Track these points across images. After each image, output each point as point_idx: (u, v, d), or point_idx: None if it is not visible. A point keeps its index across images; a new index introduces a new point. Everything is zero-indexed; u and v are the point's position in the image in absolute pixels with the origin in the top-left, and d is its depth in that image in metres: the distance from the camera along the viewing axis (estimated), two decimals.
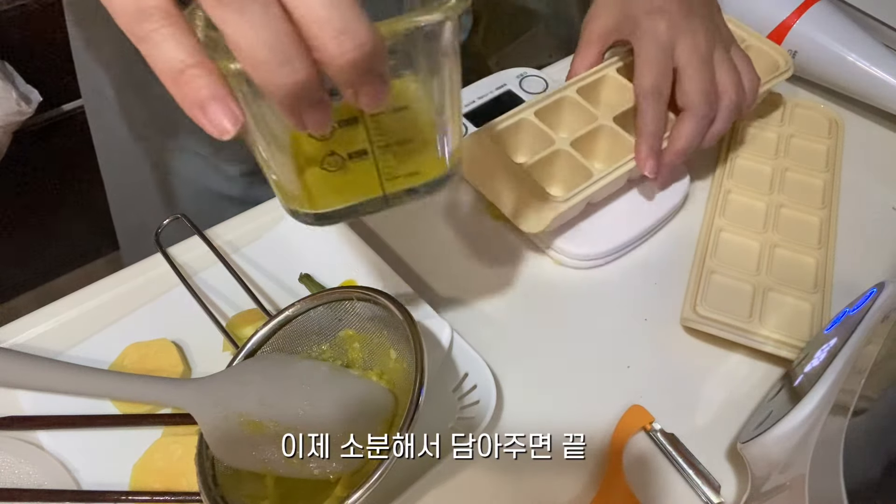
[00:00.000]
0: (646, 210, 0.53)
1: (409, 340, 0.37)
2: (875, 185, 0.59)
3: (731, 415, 0.44)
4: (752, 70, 0.52)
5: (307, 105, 0.25)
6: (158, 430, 0.41)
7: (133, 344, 0.44)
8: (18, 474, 0.39)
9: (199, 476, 0.35)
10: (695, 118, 0.48)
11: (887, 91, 0.61)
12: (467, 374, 0.43)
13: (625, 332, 0.48)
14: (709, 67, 0.49)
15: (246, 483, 0.36)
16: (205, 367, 0.44)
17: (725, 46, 0.51)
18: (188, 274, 0.47)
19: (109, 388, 0.39)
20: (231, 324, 0.44)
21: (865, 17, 0.69)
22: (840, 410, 0.34)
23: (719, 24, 0.52)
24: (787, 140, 0.59)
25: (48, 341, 0.44)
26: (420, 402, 0.34)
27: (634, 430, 0.42)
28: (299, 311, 0.41)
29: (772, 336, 0.45)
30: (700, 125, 0.49)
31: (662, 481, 0.41)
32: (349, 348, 0.41)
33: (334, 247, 0.49)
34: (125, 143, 0.61)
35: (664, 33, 0.48)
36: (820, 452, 0.33)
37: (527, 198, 0.47)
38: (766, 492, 0.37)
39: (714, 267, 0.50)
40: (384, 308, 0.39)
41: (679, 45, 0.48)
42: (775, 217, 0.53)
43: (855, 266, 0.51)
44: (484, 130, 0.50)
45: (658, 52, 0.48)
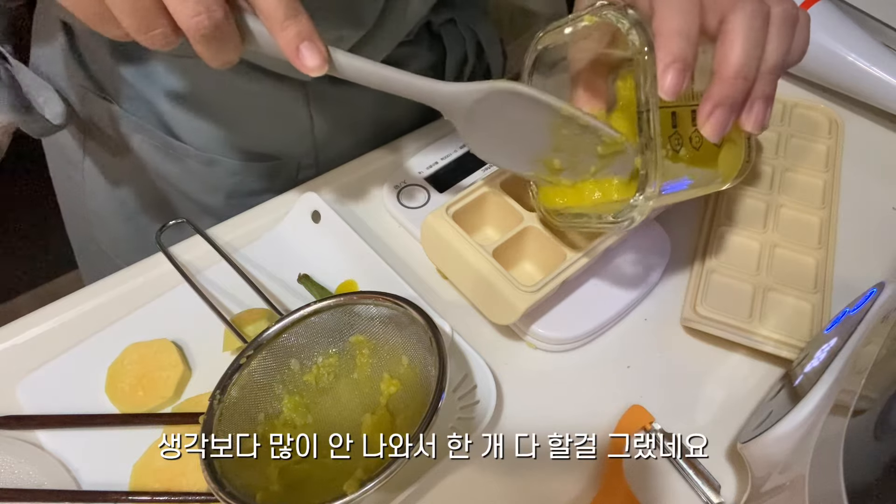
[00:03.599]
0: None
1: (428, 346, 0.38)
2: (875, 185, 0.59)
3: (731, 415, 0.44)
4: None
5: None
6: (158, 430, 0.41)
7: (133, 344, 0.44)
8: (18, 474, 0.39)
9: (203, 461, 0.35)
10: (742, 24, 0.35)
11: (887, 91, 0.61)
12: (467, 374, 0.43)
13: (625, 332, 0.48)
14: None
15: (248, 472, 0.36)
16: (205, 367, 0.44)
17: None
18: (191, 273, 0.47)
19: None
20: (233, 322, 0.44)
21: (865, 17, 0.69)
22: (840, 410, 0.34)
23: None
24: (787, 140, 0.59)
25: (48, 341, 0.44)
26: (440, 406, 0.35)
27: (634, 430, 0.42)
28: (312, 312, 0.41)
29: (772, 336, 0.45)
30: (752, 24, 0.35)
31: (662, 481, 0.41)
32: (358, 353, 0.41)
33: (334, 247, 0.49)
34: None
35: None
36: (820, 452, 0.33)
37: (494, 287, 0.43)
38: (766, 492, 0.37)
39: (714, 267, 0.50)
40: (404, 314, 0.39)
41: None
42: (775, 217, 0.53)
43: (855, 266, 0.51)
44: (444, 208, 0.45)
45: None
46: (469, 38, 0.59)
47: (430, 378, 0.37)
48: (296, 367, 0.41)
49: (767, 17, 0.36)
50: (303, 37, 0.31)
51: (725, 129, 0.36)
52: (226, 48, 0.31)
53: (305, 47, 0.32)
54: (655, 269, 0.50)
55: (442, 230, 0.45)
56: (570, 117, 0.38)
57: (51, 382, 0.43)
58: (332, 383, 0.41)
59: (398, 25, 0.51)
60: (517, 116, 0.39)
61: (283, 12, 0.31)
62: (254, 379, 0.39)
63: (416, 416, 0.36)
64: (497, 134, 0.40)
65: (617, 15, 0.35)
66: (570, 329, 0.46)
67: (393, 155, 0.58)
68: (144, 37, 0.30)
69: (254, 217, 0.53)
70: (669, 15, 0.34)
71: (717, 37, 0.36)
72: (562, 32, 0.39)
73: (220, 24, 0.29)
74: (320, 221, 0.50)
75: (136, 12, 0.28)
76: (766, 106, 0.37)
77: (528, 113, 0.38)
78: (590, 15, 0.37)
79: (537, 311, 0.46)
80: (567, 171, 0.41)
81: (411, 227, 0.52)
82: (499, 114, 0.39)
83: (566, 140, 0.40)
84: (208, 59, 0.32)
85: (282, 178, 0.59)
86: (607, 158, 0.40)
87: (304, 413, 0.40)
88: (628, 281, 0.49)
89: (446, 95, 0.38)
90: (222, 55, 0.31)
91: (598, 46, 0.42)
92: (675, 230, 0.53)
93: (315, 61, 0.32)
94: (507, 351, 0.47)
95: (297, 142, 0.57)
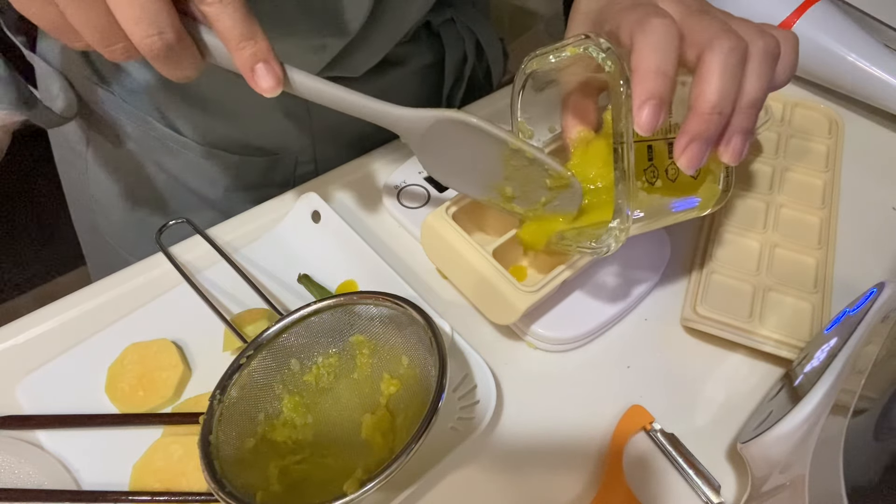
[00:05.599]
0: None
1: (428, 346, 0.38)
2: (875, 185, 0.59)
3: (731, 415, 0.44)
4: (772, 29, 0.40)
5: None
6: (158, 430, 0.41)
7: (133, 344, 0.44)
8: (18, 474, 0.39)
9: (203, 461, 0.35)
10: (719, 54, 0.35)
11: (887, 91, 0.61)
12: (467, 374, 0.43)
13: (625, 332, 0.48)
14: (714, 15, 0.38)
15: (248, 472, 0.36)
16: (205, 367, 0.44)
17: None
18: (191, 273, 0.47)
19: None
20: (233, 322, 0.44)
21: (865, 17, 0.69)
22: (840, 410, 0.34)
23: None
24: (787, 140, 0.59)
25: (48, 341, 0.44)
26: (440, 406, 0.35)
27: (634, 430, 0.42)
28: (312, 312, 0.41)
29: (772, 336, 0.45)
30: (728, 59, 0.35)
31: (662, 481, 0.41)
32: (358, 353, 0.41)
33: (334, 247, 0.49)
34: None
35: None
36: (820, 452, 0.33)
37: (494, 287, 0.43)
38: (766, 492, 0.37)
39: (714, 267, 0.50)
40: (404, 314, 0.39)
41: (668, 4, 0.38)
42: (775, 217, 0.53)
43: (855, 266, 0.51)
44: (444, 208, 0.45)
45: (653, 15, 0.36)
46: (468, 37, 0.59)
47: (430, 378, 0.37)
48: (296, 367, 0.41)
49: (745, 53, 0.36)
50: (258, 58, 0.32)
51: (701, 162, 0.37)
52: (181, 66, 0.32)
53: (260, 68, 0.32)
54: (655, 269, 0.50)
55: (442, 230, 0.45)
56: (517, 150, 0.40)
57: (51, 382, 0.43)
58: (332, 383, 0.41)
59: (393, 29, 0.51)
60: (468, 145, 0.40)
61: (238, 33, 0.31)
62: (254, 379, 0.39)
63: (416, 416, 0.36)
64: (451, 160, 0.41)
65: (596, 49, 0.37)
66: (570, 329, 0.46)
67: (393, 155, 0.58)
68: (106, 51, 0.31)
69: (254, 217, 0.53)
70: (647, 53, 0.35)
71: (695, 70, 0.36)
72: (547, 59, 0.40)
73: (171, 46, 0.30)
74: (320, 221, 0.50)
75: (95, 29, 0.29)
76: (744, 139, 0.38)
77: (478, 142, 0.40)
78: (572, 47, 0.38)
79: (537, 311, 0.46)
80: (519, 199, 0.43)
81: (411, 227, 0.52)
82: (451, 141, 0.40)
83: (516, 170, 0.41)
84: (165, 74, 0.32)
85: (280, 173, 0.59)
86: (555, 191, 0.42)
87: (304, 413, 0.40)
88: (628, 281, 0.48)
89: (399, 120, 0.39)
90: (178, 72, 0.32)
91: (586, 71, 0.43)
92: (675, 230, 0.53)
93: (269, 82, 0.33)
94: (507, 351, 0.47)
95: (295, 137, 0.58)
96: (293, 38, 0.48)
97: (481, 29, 0.60)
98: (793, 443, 0.36)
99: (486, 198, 0.43)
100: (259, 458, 0.37)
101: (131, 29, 0.29)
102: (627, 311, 0.48)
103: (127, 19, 0.29)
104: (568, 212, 0.43)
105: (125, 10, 0.28)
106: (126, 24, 0.29)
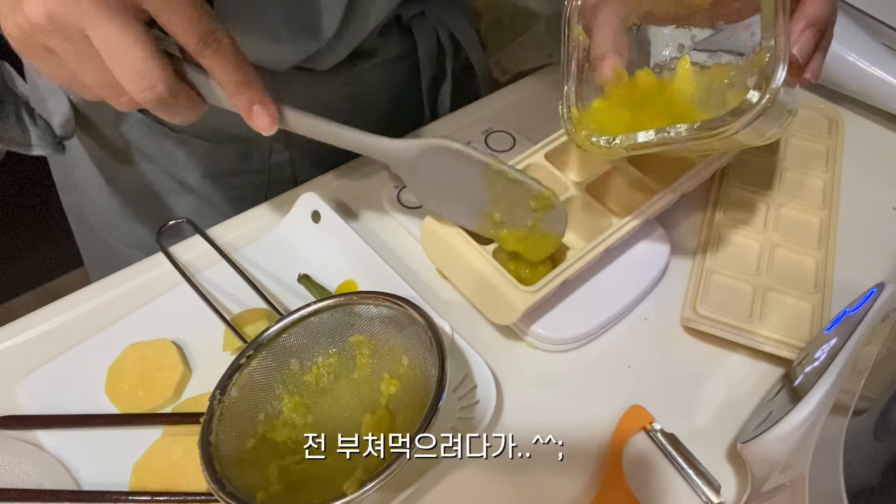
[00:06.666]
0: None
1: (428, 346, 0.38)
2: (875, 185, 0.59)
3: (731, 415, 0.44)
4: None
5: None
6: (158, 430, 0.41)
7: (133, 344, 0.44)
8: (18, 474, 0.39)
9: (203, 461, 0.35)
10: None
11: (887, 91, 0.61)
12: (467, 374, 0.43)
13: (625, 332, 0.48)
14: None
15: (248, 472, 0.36)
16: (205, 367, 0.44)
17: None
18: (191, 273, 0.47)
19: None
20: (233, 322, 0.44)
21: (865, 17, 0.69)
22: (840, 410, 0.34)
23: None
24: (787, 140, 0.59)
25: (48, 341, 0.44)
26: (440, 406, 0.35)
27: (634, 430, 0.42)
28: (312, 312, 0.41)
29: (772, 336, 0.45)
30: None
31: (662, 481, 0.41)
32: (358, 353, 0.42)
33: (334, 247, 0.49)
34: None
35: None
36: (820, 452, 0.33)
37: (494, 287, 0.43)
38: (766, 492, 0.37)
39: (714, 267, 0.50)
40: (404, 314, 0.39)
41: None
42: (775, 217, 0.53)
43: (855, 266, 0.51)
44: None
45: None
46: (442, 30, 0.60)
47: (430, 378, 0.37)
48: (296, 367, 0.41)
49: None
50: (254, 101, 0.36)
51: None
52: (178, 112, 0.35)
53: (257, 109, 0.36)
54: (655, 269, 0.49)
55: (442, 230, 0.45)
56: (499, 172, 0.41)
57: (51, 382, 0.43)
58: (332, 383, 0.41)
59: (361, 27, 0.52)
60: (455, 171, 0.42)
61: (234, 80, 0.34)
62: (254, 379, 0.39)
63: (416, 416, 0.36)
64: (440, 188, 0.43)
65: None
66: (570, 329, 0.46)
67: None
68: (115, 103, 0.34)
69: (254, 217, 0.53)
70: None
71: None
72: None
73: (163, 97, 0.33)
74: (320, 221, 0.50)
75: (104, 87, 0.33)
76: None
77: (463, 167, 0.42)
78: None
79: (537, 311, 0.46)
80: (507, 224, 0.44)
81: (411, 227, 0.52)
82: (439, 168, 0.42)
83: (501, 193, 0.42)
84: (166, 119, 0.36)
85: (255, 160, 0.60)
86: (540, 212, 0.43)
87: (303, 413, 0.40)
88: (628, 281, 0.48)
89: (389, 150, 0.41)
90: (176, 117, 0.35)
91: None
92: (675, 230, 0.53)
93: (265, 121, 0.36)
94: (507, 351, 0.47)
95: None
96: (274, 45, 0.50)
97: (455, 22, 0.61)
98: (793, 443, 0.36)
99: (478, 225, 0.44)
100: (259, 458, 0.37)
101: (128, 85, 0.32)
102: (627, 311, 0.48)
103: (122, 77, 0.32)
104: (556, 233, 0.44)
105: (119, 69, 0.31)
106: (122, 82, 0.32)
